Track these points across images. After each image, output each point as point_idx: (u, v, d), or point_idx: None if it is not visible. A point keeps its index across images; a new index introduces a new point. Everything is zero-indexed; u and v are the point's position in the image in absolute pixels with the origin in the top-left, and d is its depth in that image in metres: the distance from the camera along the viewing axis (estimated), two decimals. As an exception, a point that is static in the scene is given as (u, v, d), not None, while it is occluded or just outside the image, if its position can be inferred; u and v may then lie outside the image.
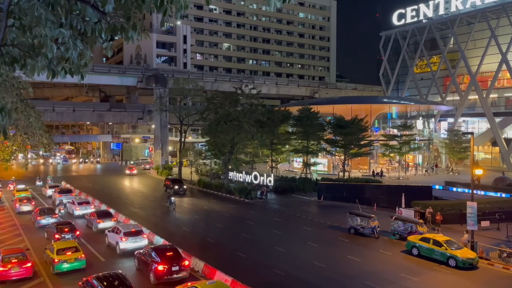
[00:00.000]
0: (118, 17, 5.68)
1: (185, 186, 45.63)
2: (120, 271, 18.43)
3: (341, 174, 50.11)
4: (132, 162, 75.98)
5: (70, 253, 21.22)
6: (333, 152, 53.59)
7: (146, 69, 73.42)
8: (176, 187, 44.74)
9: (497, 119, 65.16)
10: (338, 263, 22.82)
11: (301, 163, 55.41)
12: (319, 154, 55.41)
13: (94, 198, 39.41)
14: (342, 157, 50.41)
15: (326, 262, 22.81)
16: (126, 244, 24.02)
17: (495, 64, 64.15)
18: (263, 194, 42.49)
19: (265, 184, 45.36)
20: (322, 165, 58.90)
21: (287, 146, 55.31)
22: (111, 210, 33.20)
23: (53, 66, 5.97)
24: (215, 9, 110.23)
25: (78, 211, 34.15)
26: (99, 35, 5.68)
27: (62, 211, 33.80)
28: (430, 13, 75.31)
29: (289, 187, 45.67)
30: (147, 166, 68.96)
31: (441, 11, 73.57)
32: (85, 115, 73.39)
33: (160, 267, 19.48)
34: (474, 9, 68.28)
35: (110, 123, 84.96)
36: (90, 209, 33.75)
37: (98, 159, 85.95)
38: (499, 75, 64.78)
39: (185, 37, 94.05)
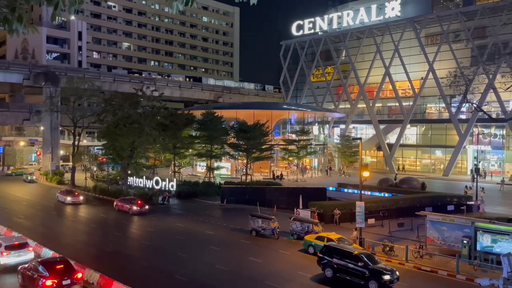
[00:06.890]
0: (0, 7, 5.10)
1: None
2: (0, 290, 16.48)
3: (243, 177, 51.13)
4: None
5: None
6: (236, 156, 54.51)
7: (34, 66, 66.99)
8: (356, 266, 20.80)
9: (382, 126, 72.54)
10: (240, 265, 23.21)
11: (205, 167, 55.27)
12: (223, 158, 55.91)
13: (-32, 209, 34.69)
14: (245, 161, 51.56)
15: (228, 265, 23.04)
16: (7, 258, 21.52)
17: (380, 77, 71.35)
18: (165, 200, 41.43)
19: (167, 189, 44.28)
20: (226, 169, 59.52)
21: (190, 150, 54.74)
22: (-10, 222, 29.55)
23: None
24: (114, 7, 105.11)
25: None
26: (-24, 26, 5.05)
27: None
28: (325, 26, 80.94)
29: (192, 192, 45.21)
30: None
31: (335, 25, 79.57)
32: (-43, 114, 64.26)
33: (49, 282, 17.83)
34: (362, 25, 75.19)
35: (-11, 124, 75.48)
36: (-37, 222, 29.65)
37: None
38: (383, 86, 72.17)
39: (80, 33, 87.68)
